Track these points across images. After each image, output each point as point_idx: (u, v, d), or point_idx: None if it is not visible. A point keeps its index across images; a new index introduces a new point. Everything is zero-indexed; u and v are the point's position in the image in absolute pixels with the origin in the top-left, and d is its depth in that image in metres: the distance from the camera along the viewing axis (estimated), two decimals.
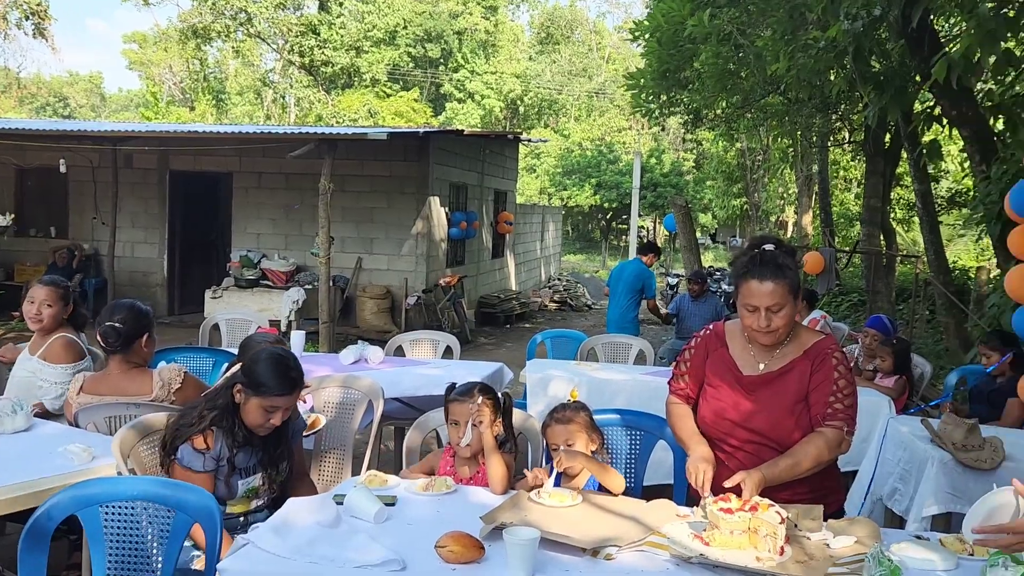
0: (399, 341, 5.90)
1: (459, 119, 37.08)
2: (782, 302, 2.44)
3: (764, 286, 2.43)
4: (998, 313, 6.89)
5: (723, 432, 2.61)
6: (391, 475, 2.79)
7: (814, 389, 2.51)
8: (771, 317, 2.45)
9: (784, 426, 2.52)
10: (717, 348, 2.68)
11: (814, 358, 2.53)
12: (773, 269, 2.44)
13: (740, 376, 2.60)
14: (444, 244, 12.68)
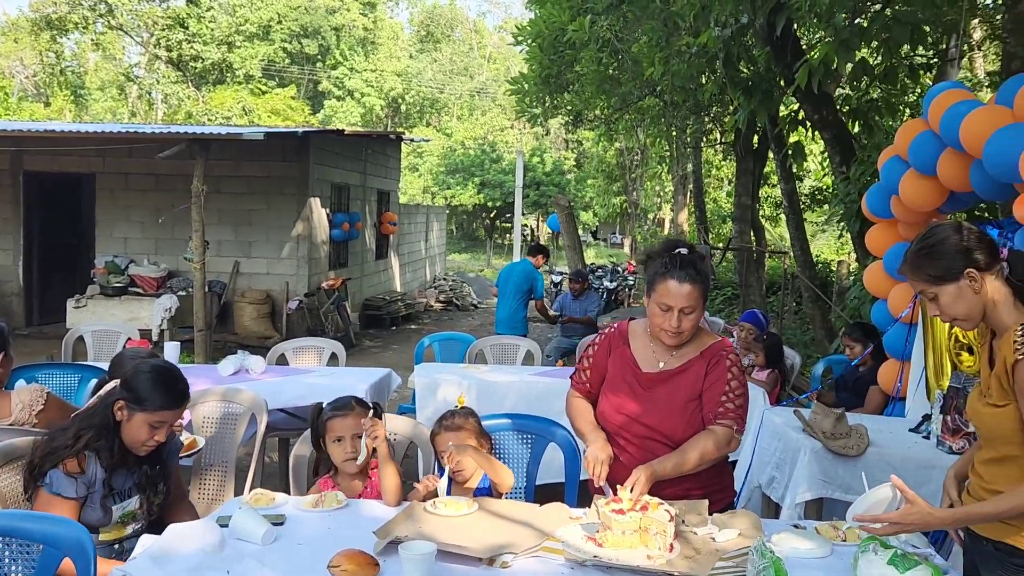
0: (281, 349, 5.72)
1: (339, 117, 36.38)
2: (695, 305, 2.52)
3: (682, 288, 2.49)
4: (858, 305, 7.35)
5: (619, 426, 2.67)
6: (279, 492, 2.70)
7: (707, 388, 2.59)
8: (682, 318, 2.52)
9: (676, 422, 2.59)
10: (620, 345, 2.73)
11: (709, 359, 2.61)
12: (692, 272, 2.51)
13: (639, 373, 2.66)
14: (326, 246, 12.41)
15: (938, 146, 3.83)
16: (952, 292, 2.12)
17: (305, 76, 38.51)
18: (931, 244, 2.15)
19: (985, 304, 2.12)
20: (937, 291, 2.14)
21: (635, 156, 25.79)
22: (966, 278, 2.09)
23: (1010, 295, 2.13)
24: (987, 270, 2.11)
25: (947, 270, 2.11)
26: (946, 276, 2.12)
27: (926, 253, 2.16)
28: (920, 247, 2.18)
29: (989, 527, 2.16)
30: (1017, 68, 5.02)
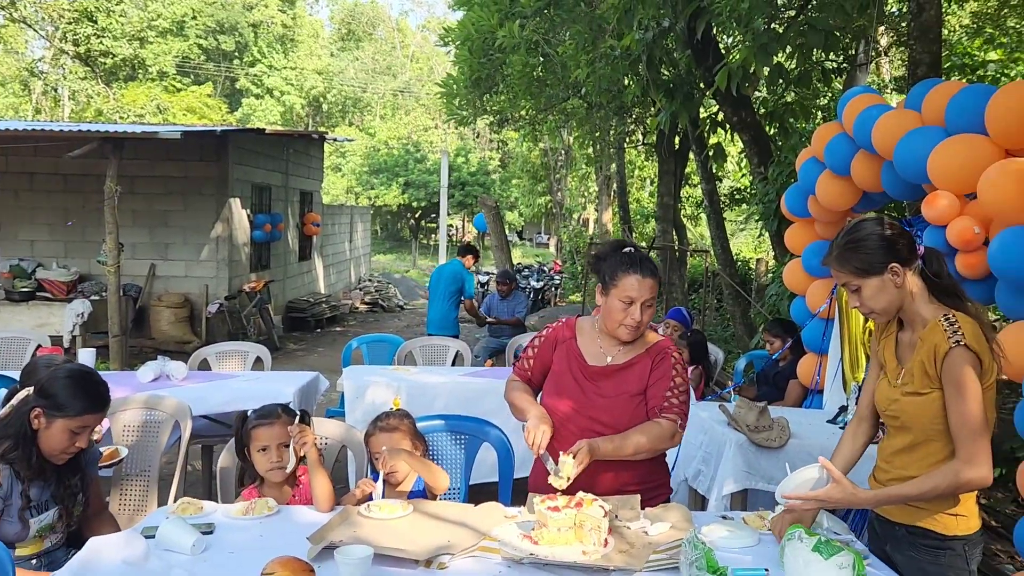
0: (204, 354, 5.56)
1: (257, 116, 35.56)
2: (654, 298, 2.60)
3: (645, 281, 2.56)
4: (777, 301, 7.58)
5: (564, 418, 2.69)
6: (206, 501, 2.62)
7: (652, 384, 2.65)
8: (643, 311, 2.58)
9: (621, 416, 2.63)
10: (567, 339, 2.77)
11: (655, 356, 2.68)
12: (651, 267, 2.60)
13: (585, 366, 2.70)
14: (247, 248, 12.11)
15: (852, 148, 3.99)
16: (875, 285, 2.21)
17: (222, 73, 37.50)
18: (857, 238, 2.23)
19: (903, 298, 2.22)
20: (861, 283, 2.23)
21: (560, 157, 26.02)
22: (889, 272, 2.19)
23: (925, 289, 2.24)
24: (908, 265, 2.20)
25: (872, 264, 2.20)
26: (870, 270, 2.21)
27: (853, 247, 2.23)
28: (847, 240, 2.26)
29: (901, 512, 2.27)
30: (923, 73, 5.27)
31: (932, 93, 3.48)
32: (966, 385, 2.07)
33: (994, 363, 2.13)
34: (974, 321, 2.14)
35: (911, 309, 2.23)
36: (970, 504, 2.22)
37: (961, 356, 2.07)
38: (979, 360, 2.08)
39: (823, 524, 2.49)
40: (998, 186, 2.92)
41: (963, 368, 2.07)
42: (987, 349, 2.11)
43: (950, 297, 2.22)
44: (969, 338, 2.08)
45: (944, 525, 2.19)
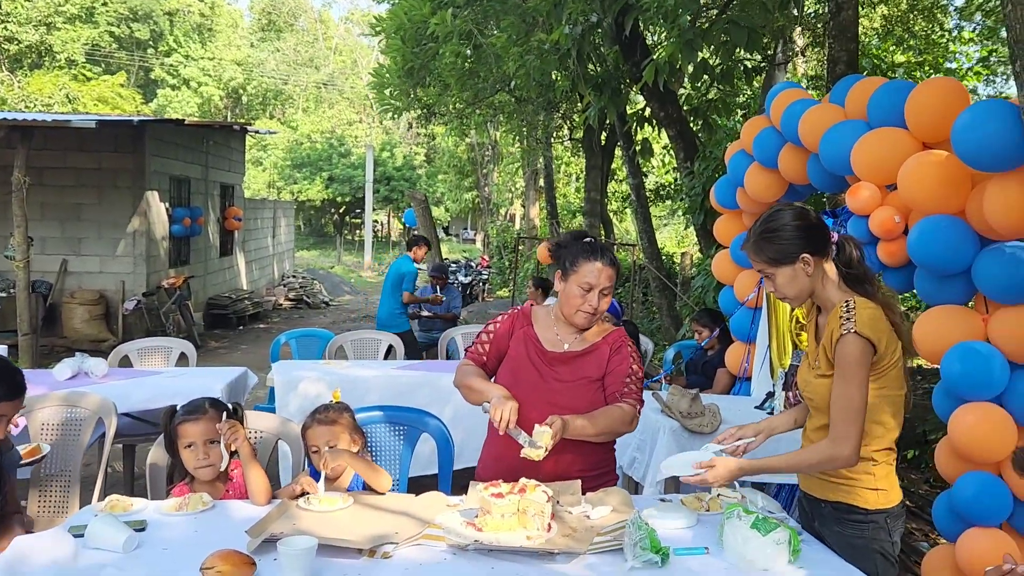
0: (125, 351, 5.36)
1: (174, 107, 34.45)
2: (611, 286, 2.64)
3: (606, 270, 2.61)
4: (703, 293, 7.76)
5: (520, 404, 2.66)
6: (137, 498, 2.53)
7: (611, 372, 2.69)
8: (601, 298, 2.62)
9: (579, 401, 2.64)
10: (523, 326, 2.78)
11: (612, 343, 2.73)
12: (611, 257, 2.64)
13: (544, 352, 2.71)
14: (166, 242, 11.72)
15: (779, 141, 4.10)
16: (788, 274, 2.32)
17: (135, 63, 36.16)
18: (772, 228, 2.32)
19: (815, 285, 2.33)
20: (774, 272, 2.34)
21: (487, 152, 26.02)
22: (801, 262, 2.29)
23: (836, 276, 2.35)
24: (819, 255, 2.31)
25: (785, 254, 2.30)
26: (783, 259, 2.31)
27: (768, 237, 2.33)
28: (762, 230, 2.35)
29: (825, 489, 2.36)
30: (841, 71, 5.46)
31: (855, 88, 3.61)
32: (850, 370, 2.17)
33: (897, 344, 2.23)
34: (876, 307, 2.23)
35: (822, 296, 2.34)
36: (891, 479, 2.31)
37: (850, 342, 2.17)
38: (872, 345, 2.17)
39: (758, 503, 2.56)
40: (916, 177, 3.05)
41: (849, 354, 2.17)
42: (886, 333, 2.21)
43: (861, 284, 2.32)
44: (861, 325, 2.16)
45: (866, 500, 2.28)
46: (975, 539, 2.95)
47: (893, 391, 2.26)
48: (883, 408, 2.26)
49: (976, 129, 2.73)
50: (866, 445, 2.25)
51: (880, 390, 2.24)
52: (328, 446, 2.72)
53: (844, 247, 2.35)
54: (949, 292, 3.10)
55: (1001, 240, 2.88)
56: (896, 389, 2.27)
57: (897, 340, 2.24)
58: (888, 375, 2.23)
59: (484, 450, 2.82)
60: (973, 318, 3.01)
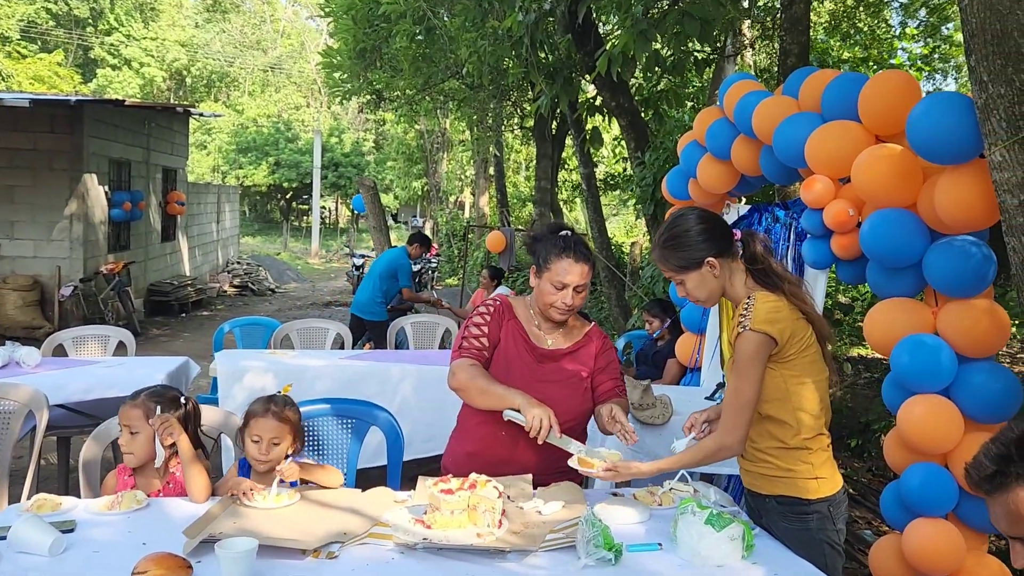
0: (59, 339, 5.14)
1: (114, 88, 33.35)
2: (587, 283, 2.57)
3: (579, 266, 2.53)
4: (652, 283, 7.79)
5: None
6: (66, 496, 2.40)
7: (603, 368, 2.69)
8: (575, 296, 2.56)
9: (568, 399, 2.61)
10: (510, 318, 2.70)
11: (596, 341, 2.71)
12: (586, 252, 2.57)
13: (534, 348, 2.65)
14: (105, 227, 11.34)
15: (732, 132, 4.09)
16: (695, 279, 2.36)
17: (74, 41, 34.92)
18: (675, 235, 2.36)
19: (724, 285, 2.36)
20: (683, 278, 2.37)
21: (437, 139, 25.80)
22: (707, 265, 2.32)
23: (743, 273, 2.37)
24: (724, 256, 2.34)
25: (689, 260, 2.34)
26: (688, 266, 2.35)
27: (671, 245, 2.37)
28: (666, 238, 2.39)
29: (767, 484, 2.36)
30: (792, 63, 5.49)
31: (809, 80, 3.61)
32: (742, 365, 2.23)
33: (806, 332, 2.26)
34: (778, 299, 2.26)
35: (732, 294, 2.38)
36: (827, 466, 2.33)
37: (744, 340, 2.22)
38: (771, 339, 2.21)
39: (711, 497, 2.54)
40: (869, 170, 3.05)
41: (743, 350, 2.22)
42: (788, 323, 2.23)
43: (766, 278, 2.34)
44: (756, 321, 2.20)
45: (807, 490, 2.29)
46: (921, 529, 2.98)
47: (813, 377, 2.29)
48: (805, 395, 2.28)
49: (930, 121, 2.73)
50: (796, 434, 2.28)
51: (796, 378, 2.27)
52: (273, 443, 2.61)
53: (748, 244, 2.37)
54: (900, 285, 3.12)
55: (951, 234, 2.91)
56: (816, 375, 2.30)
57: (807, 327, 2.27)
58: (799, 363, 2.26)
59: (455, 444, 2.74)
60: (923, 311, 3.04)
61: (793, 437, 2.28)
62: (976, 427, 2.90)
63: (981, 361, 2.93)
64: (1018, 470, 1.48)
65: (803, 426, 2.28)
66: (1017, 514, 1.48)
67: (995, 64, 2.42)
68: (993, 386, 2.86)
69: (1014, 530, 1.51)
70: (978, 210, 2.72)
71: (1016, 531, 1.51)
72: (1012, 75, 2.40)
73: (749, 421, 2.26)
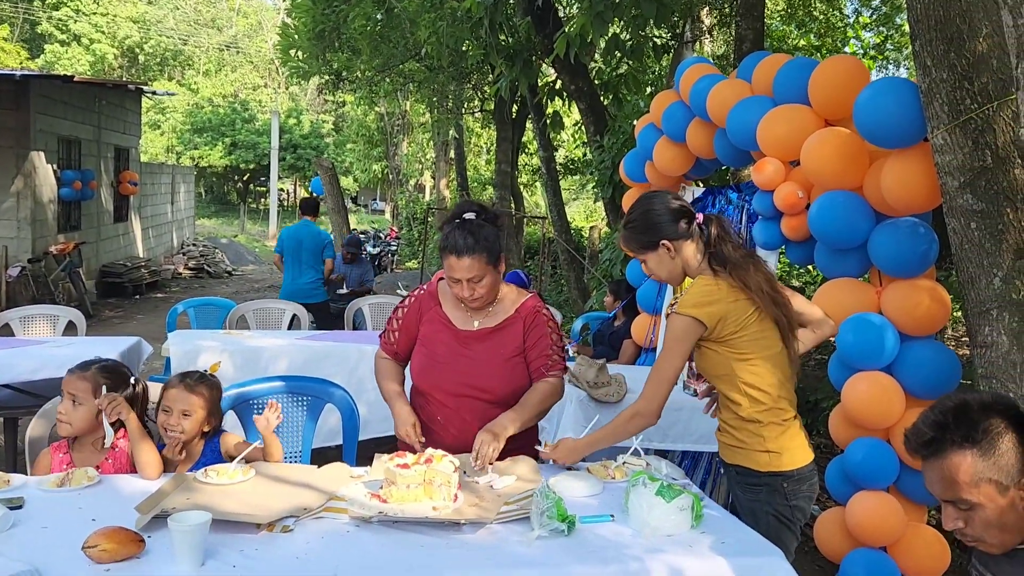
0: (6, 319, 5.04)
1: (63, 65, 32.41)
2: (481, 273, 2.53)
3: (461, 262, 2.51)
4: (610, 266, 7.86)
5: (434, 384, 2.67)
6: (14, 473, 2.36)
7: (532, 346, 2.67)
8: (473, 287, 2.55)
9: (496, 378, 2.64)
10: (431, 307, 2.71)
11: (526, 316, 2.69)
12: (470, 244, 2.50)
13: (456, 331, 2.66)
14: (54, 206, 11.07)
15: (688, 115, 4.14)
16: (654, 259, 2.47)
17: (20, 15, 33.83)
18: (635, 218, 2.49)
19: (683, 266, 2.46)
20: (644, 257, 2.50)
21: (397, 121, 25.59)
22: (662, 247, 2.43)
23: (700, 255, 2.45)
24: (681, 238, 2.43)
25: (648, 243, 2.46)
26: (647, 247, 2.46)
27: (632, 227, 2.49)
28: (626, 221, 2.53)
29: (726, 453, 2.44)
30: (747, 48, 5.57)
31: (761, 65, 3.67)
32: (668, 343, 2.38)
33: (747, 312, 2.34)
34: (715, 282, 2.35)
35: (689, 274, 2.49)
36: (782, 441, 2.38)
37: (672, 320, 2.37)
38: (698, 322, 2.32)
39: (663, 470, 2.60)
40: (818, 153, 3.13)
41: (670, 330, 2.38)
42: (720, 304, 2.32)
43: (718, 261, 2.41)
44: (685, 305, 2.33)
45: (757, 462, 2.37)
46: (864, 501, 3.08)
47: (759, 353, 2.36)
48: (752, 372, 2.35)
49: (877, 106, 2.81)
50: (748, 407, 2.36)
51: (740, 355, 2.35)
52: (183, 414, 2.59)
53: (706, 227, 2.45)
54: (846, 266, 3.20)
55: (896, 216, 2.99)
56: (764, 351, 2.36)
57: (748, 307, 2.34)
58: (739, 341, 2.34)
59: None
60: (868, 291, 3.12)
61: (744, 410, 2.37)
62: (917, 403, 3.00)
63: (923, 339, 3.03)
64: (952, 436, 1.56)
65: (753, 401, 2.36)
66: (950, 479, 1.56)
67: (938, 49, 2.50)
68: (934, 363, 2.96)
69: (946, 494, 1.59)
70: (923, 193, 2.81)
71: (948, 495, 1.59)
72: (954, 60, 2.48)
73: (666, 395, 2.39)
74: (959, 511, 1.59)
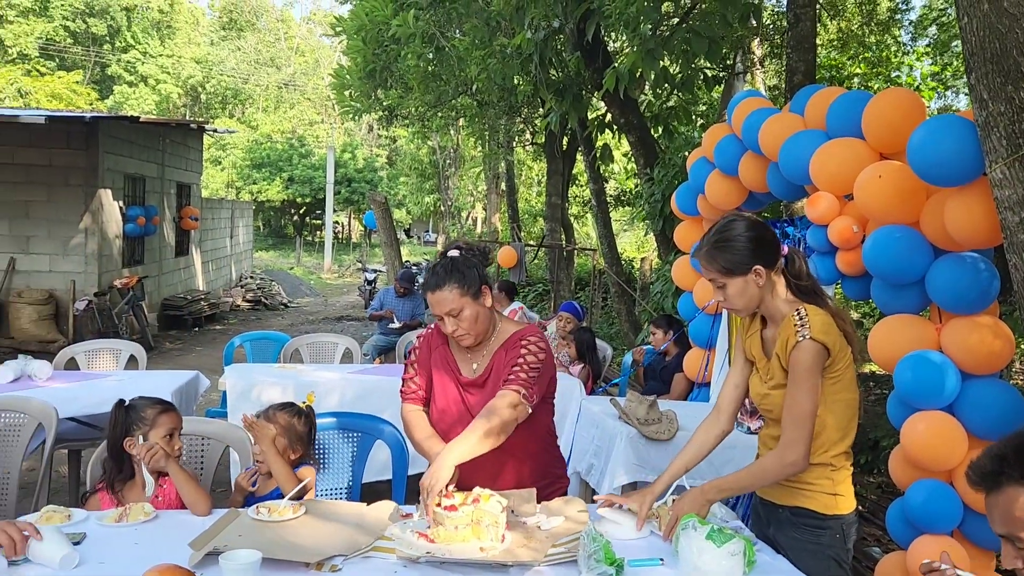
0: (71, 353, 5.20)
1: (131, 104, 33.77)
2: (458, 306, 2.50)
3: (435, 296, 2.51)
4: (661, 299, 7.79)
5: (447, 428, 2.63)
6: (75, 508, 2.43)
7: (504, 369, 2.56)
8: (456, 321, 2.52)
9: None
10: (439, 345, 2.70)
11: (508, 347, 2.61)
12: (442, 277, 2.50)
13: (459, 377, 2.64)
14: (119, 242, 11.46)
15: (740, 149, 4.12)
16: (739, 284, 2.31)
17: (91, 58, 35.39)
18: (727, 238, 2.30)
19: (764, 296, 2.32)
20: (726, 281, 2.32)
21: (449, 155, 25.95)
22: (753, 273, 2.28)
23: (784, 287, 2.35)
24: (771, 266, 2.30)
25: (738, 265, 2.29)
26: (735, 270, 2.29)
27: (721, 246, 2.31)
28: (716, 239, 2.33)
29: (783, 494, 2.36)
30: (799, 81, 5.52)
31: (814, 98, 3.64)
32: (802, 377, 2.19)
33: (847, 348, 2.25)
34: (826, 314, 2.24)
35: (771, 306, 2.33)
36: (846, 484, 2.32)
37: (805, 349, 2.18)
38: (826, 349, 2.19)
39: (716, 514, 2.54)
40: (872, 187, 3.07)
41: (804, 361, 2.19)
42: (838, 337, 2.22)
43: (808, 295, 2.32)
44: (816, 331, 2.18)
45: (824, 504, 2.29)
46: (926, 546, 2.97)
47: (848, 395, 2.28)
48: (840, 413, 2.27)
49: (931, 145, 2.75)
50: (825, 451, 2.26)
51: (836, 395, 2.25)
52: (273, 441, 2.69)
53: (794, 259, 2.36)
54: (904, 301, 3.13)
55: (958, 250, 2.91)
56: (850, 393, 2.28)
57: (847, 346, 2.25)
58: (844, 380, 2.25)
59: None
60: (927, 327, 3.04)
61: (819, 453, 2.26)
62: (980, 444, 2.89)
63: (985, 378, 2.93)
64: (1011, 471, 1.51)
65: (833, 444, 2.27)
66: (1008, 514, 1.51)
67: (995, 82, 2.44)
68: (996, 403, 2.86)
69: (1004, 530, 1.54)
70: (986, 228, 2.73)
71: (1005, 531, 1.53)
72: (1012, 93, 2.41)
73: (810, 434, 2.21)
74: (1017, 550, 1.53)
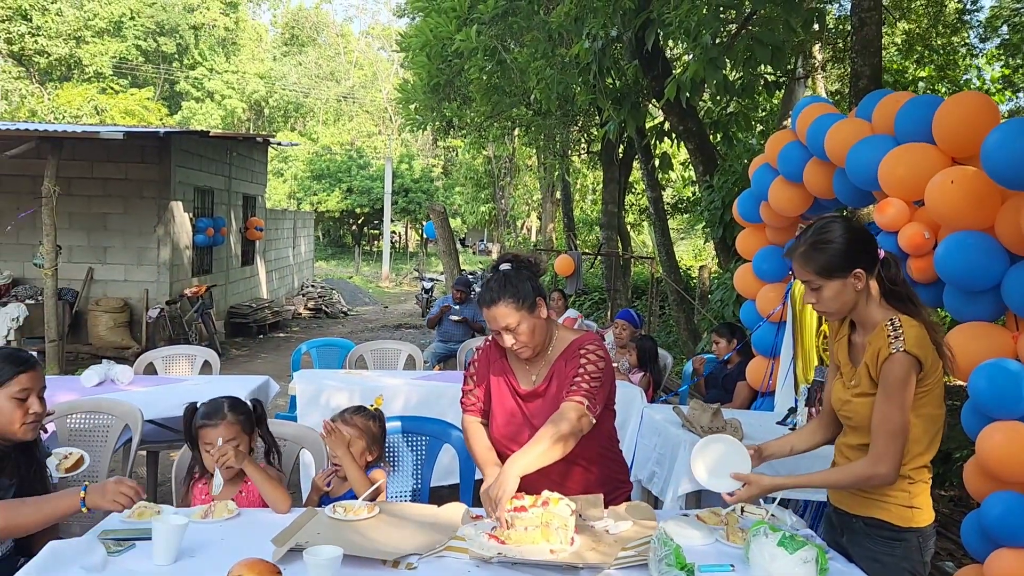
0: (150, 358, 5.41)
1: (198, 119, 34.86)
2: (515, 320, 2.50)
3: (491, 312, 2.53)
4: (722, 307, 7.73)
5: (508, 440, 2.66)
6: (164, 505, 2.55)
7: (564, 379, 2.57)
8: (515, 335, 2.53)
9: None
10: (498, 358, 2.72)
11: (568, 357, 2.61)
12: (497, 292, 2.51)
13: (518, 388, 2.67)
14: (189, 252, 11.84)
15: (804, 155, 4.09)
16: (836, 287, 2.25)
17: (161, 75, 36.64)
18: (827, 239, 2.24)
19: (859, 301, 2.26)
20: (823, 284, 2.26)
21: (504, 164, 26.11)
22: (853, 277, 2.23)
23: (879, 293, 2.29)
24: (870, 271, 2.24)
25: (838, 267, 2.23)
26: (834, 272, 2.24)
27: (821, 247, 2.24)
28: (815, 240, 2.26)
29: (858, 504, 2.33)
30: (864, 85, 5.44)
31: (882, 103, 3.60)
32: (895, 390, 2.14)
33: (939, 362, 2.20)
34: (920, 325, 2.18)
35: (864, 312, 2.28)
36: (924, 497, 2.28)
37: (898, 362, 2.13)
38: (919, 363, 2.14)
39: (787, 521, 2.53)
40: (944, 193, 3.03)
41: (897, 374, 2.14)
42: (931, 351, 2.17)
43: (903, 303, 2.26)
44: (910, 343, 2.13)
45: (900, 517, 2.26)
46: (1003, 560, 2.91)
47: (934, 410, 2.23)
48: (923, 427, 2.22)
49: (1008, 149, 2.70)
50: (905, 463, 2.22)
51: (922, 408, 2.21)
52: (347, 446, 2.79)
53: (890, 264, 2.29)
54: (978, 309, 3.07)
55: None
56: (936, 408, 2.23)
57: (939, 360, 2.20)
58: (932, 394, 2.20)
59: None
60: (1003, 335, 2.98)
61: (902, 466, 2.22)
62: None
63: None
64: None
65: (913, 457, 2.23)
66: None
67: None
68: None
69: None
70: None
71: None
72: None
73: (902, 449, 2.18)
74: None
